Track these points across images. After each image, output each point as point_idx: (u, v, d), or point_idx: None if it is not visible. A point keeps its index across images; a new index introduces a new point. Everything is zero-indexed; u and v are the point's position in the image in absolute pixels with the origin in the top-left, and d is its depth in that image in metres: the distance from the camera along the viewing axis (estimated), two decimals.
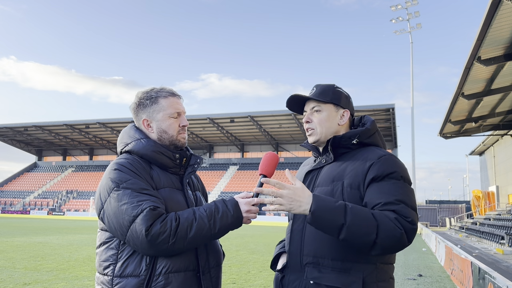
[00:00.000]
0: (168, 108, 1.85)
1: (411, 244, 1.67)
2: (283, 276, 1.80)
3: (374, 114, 44.84)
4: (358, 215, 1.53)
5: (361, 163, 1.71)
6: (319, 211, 1.52)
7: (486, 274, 5.28)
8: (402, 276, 9.27)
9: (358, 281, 1.59)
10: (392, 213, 1.57)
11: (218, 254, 1.89)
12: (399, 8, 40.92)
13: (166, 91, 1.89)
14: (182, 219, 1.61)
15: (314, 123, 1.84)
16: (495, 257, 14.46)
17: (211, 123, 51.50)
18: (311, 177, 1.84)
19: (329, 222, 1.52)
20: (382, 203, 1.60)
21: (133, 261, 1.64)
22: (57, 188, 63.37)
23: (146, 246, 1.56)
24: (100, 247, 1.74)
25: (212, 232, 1.65)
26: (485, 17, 12.86)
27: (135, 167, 1.72)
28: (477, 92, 19.86)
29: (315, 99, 1.83)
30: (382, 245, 1.52)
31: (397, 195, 1.61)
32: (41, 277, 7.69)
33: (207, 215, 1.66)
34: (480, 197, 35.92)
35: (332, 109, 1.83)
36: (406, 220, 1.56)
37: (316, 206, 1.53)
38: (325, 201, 1.56)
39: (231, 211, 1.69)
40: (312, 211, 1.52)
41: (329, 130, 1.82)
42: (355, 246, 1.57)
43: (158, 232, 1.55)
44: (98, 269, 1.73)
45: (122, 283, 1.63)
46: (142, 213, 1.56)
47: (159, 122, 1.84)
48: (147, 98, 1.86)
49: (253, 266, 9.93)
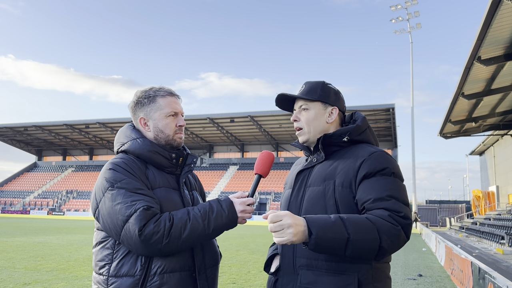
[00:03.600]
0: (166, 107, 1.85)
1: (410, 241, 1.65)
2: (276, 279, 1.76)
3: (374, 114, 44.83)
4: (357, 224, 1.48)
5: (352, 161, 1.67)
6: (321, 232, 1.45)
7: (486, 274, 5.27)
8: (402, 276, 9.26)
9: (354, 283, 1.55)
10: (384, 211, 1.54)
11: (215, 254, 1.87)
12: (399, 8, 40.95)
13: (165, 90, 1.89)
14: (176, 219, 1.60)
15: (301, 122, 1.81)
16: (495, 257, 14.45)
17: (211, 123, 51.49)
18: (302, 176, 1.80)
19: (333, 240, 1.45)
20: (372, 199, 1.57)
21: (128, 261, 1.64)
22: (57, 188, 63.35)
23: (139, 246, 1.56)
24: (96, 247, 1.74)
25: (206, 232, 1.64)
26: (485, 17, 12.85)
27: (130, 167, 1.71)
28: (477, 92, 19.86)
29: (303, 98, 1.80)
30: (386, 248, 1.49)
31: (387, 190, 1.58)
32: (41, 277, 7.69)
33: (201, 215, 1.64)
34: (480, 197, 35.92)
35: (319, 107, 1.80)
36: (399, 215, 1.53)
37: (317, 229, 1.45)
38: (321, 220, 1.48)
39: (225, 211, 1.68)
40: (315, 234, 1.44)
41: (317, 129, 1.79)
42: (361, 258, 1.52)
43: (152, 232, 1.54)
44: (94, 269, 1.73)
45: (117, 283, 1.62)
46: (136, 213, 1.56)
47: (156, 121, 1.84)
48: (145, 97, 1.86)
49: (253, 266, 9.93)
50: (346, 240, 1.46)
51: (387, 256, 1.56)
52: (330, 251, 1.49)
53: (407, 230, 1.54)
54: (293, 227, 1.45)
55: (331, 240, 1.45)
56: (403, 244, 1.55)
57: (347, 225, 1.47)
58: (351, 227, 1.47)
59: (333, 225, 1.47)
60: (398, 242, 1.52)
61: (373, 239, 1.47)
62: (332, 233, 1.45)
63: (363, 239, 1.47)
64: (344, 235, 1.45)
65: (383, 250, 1.49)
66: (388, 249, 1.50)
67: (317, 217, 1.50)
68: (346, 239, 1.45)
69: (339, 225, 1.47)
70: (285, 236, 1.45)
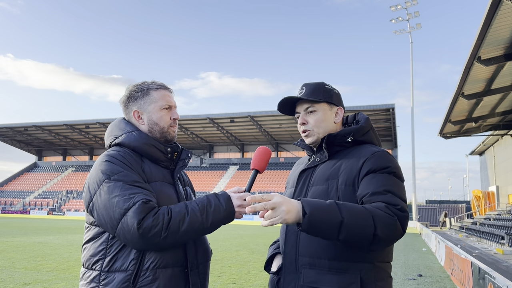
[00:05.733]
0: (160, 100, 1.84)
1: (410, 241, 1.65)
2: (278, 278, 1.76)
3: (374, 114, 44.83)
4: (352, 209, 1.48)
5: (355, 160, 1.68)
6: (315, 212, 1.44)
7: (486, 274, 5.28)
8: (402, 276, 9.26)
9: (356, 282, 1.55)
10: (380, 203, 1.54)
11: (207, 251, 1.87)
12: (399, 8, 40.96)
13: (158, 84, 1.89)
14: (174, 213, 1.60)
15: (310, 125, 1.80)
16: (495, 257, 14.45)
17: (211, 123, 51.49)
18: (305, 176, 1.81)
19: (326, 222, 1.44)
20: (370, 193, 1.58)
21: (122, 256, 1.63)
22: (57, 188, 63.35)
23: (137, 239, 1.54)
24: (89, 242, 1.72)
25: (204, 226, 1.64)
26: (485, 17, 12.86)
27: (126, 159, 1.69)
28: (477, 92, 19.88)
29: (308, 100, 1.80)
30: (381, 237, 1.47)
31: (385, 185, 1.59)
32: (41, 277, 7.68)
33: (200, 209, 1.64)
34: (480, 197, 35.92)
35: (326, 108, 1.81)
36: (395, 207, 1.53)
37: (310, 208, 1.44)
38: (316, 202, 1.48)
39: (223, 205, 1.67)
40: (308, 214, 1.43)
41: (326, 130, 1.80)
42: (355, 245, 1.51)
43: (150, 225, 1.53)
44: (85, 264, 1.70)
45: (110, 278, 1.61)
46: (134, 206, 1.54)
47: (150, 114, 1.84)
48: (138, 91, 1.86)
49: (253, 266, 9.92)
50: (340, 223, 1.44)
51: (382, 247, 1.53)
52: (322, 234, 1.47)
53: (404, 222, 1.53)
54: (285, 205, 1.43)
55: (325, 222, 1.44)
56: (399, 236, 1.54)
57: (342, 209, 1.47)
58: (346, 211, 1.46)
59: (328, 208, 1.46)
60: (395, 233, 1.51)
61: (368, 225, 1.46)
62: (327, 214, 1.44)
63: (357, 224, 1.45)
64: (338, 218, 1.44)
65: (378, 239, 1.47)
66: (383, 238, 1.48)
67: (312, 199, 1.50)
68: (340, 222, 1.44)
69: (333, 208, 1.46)
70: (278, 215, 1.43)
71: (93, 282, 1.64)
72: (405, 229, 1.55)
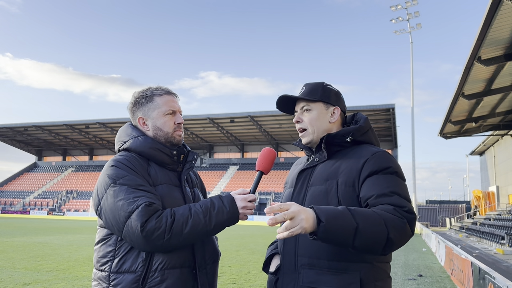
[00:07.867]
0: (163, 106, 1.87)
1: (410, 241, 1.65)
2: (277, 278, 1.76)
3: (374, 114, 44.85)
4: (365, 215, 1.46)
5: (355, 161, 1.68)
6: (331, 220, 1.40)
7: (486, 274, 5.28)
8: (402, 276, 9.26)
9: (356, 282, 1.55)
10: (388, 205, 1.53)
11: (215, 251, 1.89)
12: (399, 8, 40.95)
13: (162, 89, 1.92)
14: (177, 215, 1.62)
15: (304, 123, 1.82)
16: (495, 257, 14.46)
17: (211, 123, 51.52)
18: (304, 176, 1.80)
19: (342, 229, 1.41)
20: (375, 195, 1.57)
21: (130, 257, 1.66)
22: (57, 188, 63.38)
23: (141, 242, 1.57)
24: (99, 244, 1.76)
25: (207, 228, 1.65)
26: (485, 17, 12.87)
27: (132, 164, 1.73)
28: (477, 92, 19.89)
29: (304, 99, 1.81)
30: (394, 240, 1.47)
31: (390, 187, 1.59)
32: (41, 277, 7.68)
33: (203, 211, 1.65)
34: (480, 197, 35.94)
35: (322, 107, 1.81)
36: (403, 210, 1.54)
37: (326, 216, 1.41)
38: (329, 209, 1.45)
39: (227, 207, 1.69)
40: (325, 221, 1.39)
41: (321, 129, 1.80)
42: (369, 250, 1.49)
43: (153, 228, 1.56)
44: (96, 265, 1.74)
45: (119, 279, 1.64)
46: (138, 209, 1.57)
47: (154, 120, 1.87)
48: (142, 97, 1.89)
49: (253, 266, 9.92)
50: (355, 229, 1.42)
51: (393, 250, 1.54)
52: (338, 241, 1.44)
53: (412, 224, 1.54)
54: (303, 213, 1.40)
55: (341, 229, 1.41)
56: (408, 238, 1.55)
57: (355, 215, 1.45)
58: (359, 217, 1.45)
59: (342, 214, 1.44)
60: (405, 235, 1.51)
61: (381, 230, 1.45)
62: (341, 221, 1.41)
63: (371, 229, 1.44)
64: (352, 224, 1.42)
65: (391, 242, 1.47)
66: (395, 241, 1.48)
67: (323, 207, 1.46)
68: (355, 228, 1.42)
69: (347, 215, 1.44)
70: (298, 224, 1.38)
71: (104, 283, 1.68)
72: (414, 231, 1.55)
